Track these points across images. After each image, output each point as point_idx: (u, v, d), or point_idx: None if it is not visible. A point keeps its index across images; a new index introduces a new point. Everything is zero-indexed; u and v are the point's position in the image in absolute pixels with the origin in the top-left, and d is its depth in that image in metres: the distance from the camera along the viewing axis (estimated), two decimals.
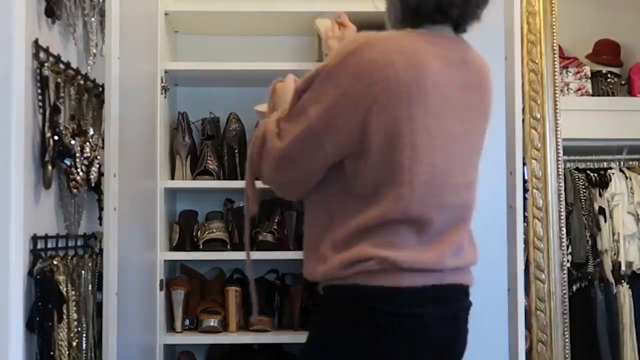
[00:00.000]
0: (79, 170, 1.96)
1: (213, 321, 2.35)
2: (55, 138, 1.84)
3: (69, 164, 1.92)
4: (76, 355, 1.89)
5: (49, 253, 1.86)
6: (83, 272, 2.01)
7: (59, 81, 1.91)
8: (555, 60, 2.75)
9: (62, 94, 1.93)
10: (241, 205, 2.44)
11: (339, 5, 2.54)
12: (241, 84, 2.54)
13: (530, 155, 2.68)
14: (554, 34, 2.75)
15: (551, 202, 2.69)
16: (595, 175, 3.10)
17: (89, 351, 1.99)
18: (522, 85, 2.61)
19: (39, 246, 1.80)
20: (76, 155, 1.95)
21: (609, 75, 3.27)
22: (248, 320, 2.38)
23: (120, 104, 2.09)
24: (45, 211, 1.89)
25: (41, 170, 1.82)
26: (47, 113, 1.83)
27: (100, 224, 2.19)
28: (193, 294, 2.41)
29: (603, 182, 3.08)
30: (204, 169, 2.39)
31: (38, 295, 1.73)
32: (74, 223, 2.03)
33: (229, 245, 2.39)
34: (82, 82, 2.07)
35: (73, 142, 1.94)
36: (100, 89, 2.17)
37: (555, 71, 2.74)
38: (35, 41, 1.80)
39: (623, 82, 3.28)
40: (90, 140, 2.04)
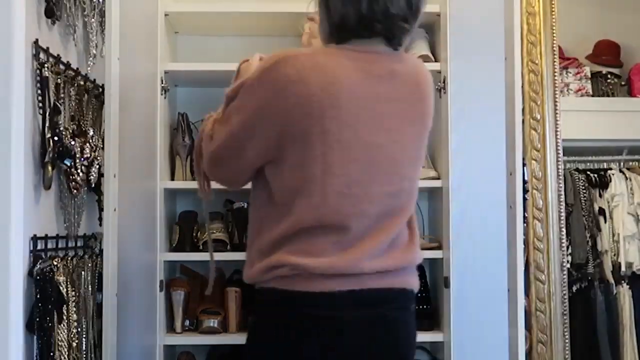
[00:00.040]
0: (79, 170, 1.96)
1: (213, 322, 2.35)
2: (55, 139, 1.84)
3: (69, 164, 1.91)
4: (76, 355, 1.89)
5: (49, 254, 1.86)
6: (83, 273, 2.01)
7: (59, 82, 1.91)
8: (555, 61, 2.75)
9: (62, 95, 1.93)
10: (242, 205, 2.44)
11: None
12: None
13: (530, 156, 2.68)
14: (554, 35, 2.75)
15: (551, 203, 2.69)
16: (595, 175, 3.09)
17: (89, 352, 1.99)
18: (522, 86, 2.61)
19: (39, 247, 1.80)
20: (76, 155, 1.95)
21: (609, 75, 3.26)
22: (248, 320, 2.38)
23: (120, 104, 2.10)
24: (45, 212, 1.89)
25: (41, 170, 1.82)
26: (47, 114, 1.82)
27: (100, 225, 2.19)
28: (193, 295, 2.41)
29: (603, 183, 3.07)
30: None
31: (38, 296, 1.73)
32: (74, 224, 2.02)
33: (229, 246, 2.39)
34: (82, 83, 2.07)
35: (73, 143, 1.94)
36: (100, 89, 2.17)
37: (555, 72, 2.74)
38: (35, 42, 1.80)
39: (623, 83, 3.28)
40: (90, 140, 2.04)
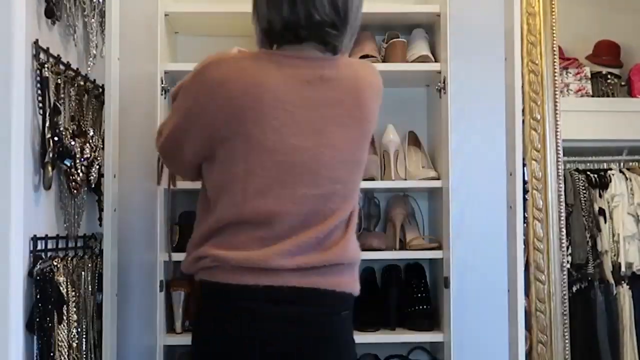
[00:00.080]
0: (79, 171, 1.96)
1: None
2: (55, 139, 1.84)
3: (69, 164, 1.91)
4: (76, 356, 1.89)
5: (49, 254, 1.86)
6: (83, 273, 2.01)
7: (59, 82, 1.91)
8: (555, 61, 2.74)
9: (62, 95, 1.93)
10: None
11: None
12: None
13: (530, 156, 2.68)
14: (554, 35, 2.75)
15: (551, 203, 2.69)
16: (595, 176, 3.09)
17: (89, 352, 1.99)
18: (522, 86, 2.61)
19: (39, 247, 1.80)
20: (76, 156, 1.95)
21: (609, 76, 3.26)
22: None
23: (120, 105, 2.10)
24: (45, 212, 1.89)
25: (41, 171, 1.82)
26: (47, 114, 1.82)
27: (100, 225, 2.19)
28: (193, 295, 2.41)
29: (603, 183, 3.07)
30: None
31: (38, 296, 1.73)
32: (74, 224, 2.02)
33: None
34: (82, 83, 2.07)
35: (73, 143, 1.94)
36: (101, 89, 2.17)
37: (555, 72, 2.74)
38: (36, 42, 1.80)
39: (623, 83, 3.28)
40: (91, 141, 2.04)
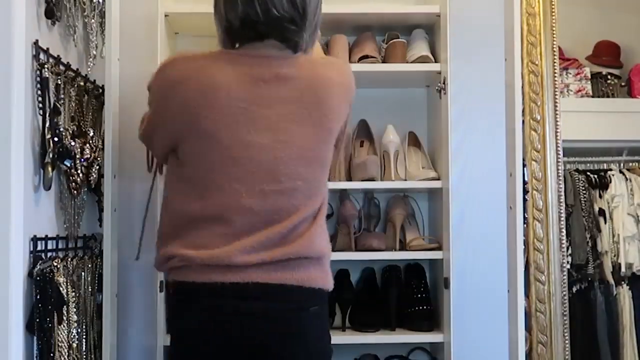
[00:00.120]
0: (79, 171, 1.96)
1: None
2: (55, 139, 1.84)
3: (69, 165, 1.91)
4: (76, 356, 1.88)
5: (49, 254, 1.86)
6: (83, 274, 2.01)
7: (59, 82, 1.91)
8: (555, 62, 2.74)
9: (62, 95, 1.93)
10: None
11: (338, 6, 2.54)
12: None
13: (530, 157, 2.68)
14: (554, 36, 2.75)
15: (551, 204, 2.69)
16: (595, 176, 3.09)
17: (89, 352, 1.99)
18: (522, 87, 2.61)
19: (39, 247, 1.80)
20: (76, 156, 1.95)
21: (609, 76, 3.26)
22: None
23: (120, 105, 2.09)
24: (46, 212, 1.89)
25: (41, 171, 1.82)
26: (47, 114, 1.82)
27: (100, 226, 2.19)
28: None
29: (603, 184, 3.07)
30: None
31: (38, 297, 1.73)
32: (74, 224, 2.02)
33: None
34: (82, 84, 2.07)
35: (73, 144, 1.94)
36: (101, 90, 2.17)
37: (555, 72, 2.74)
38: (35, 42, 1.80)
39: (623, 84, 3.28)
40: (91, 141, 2.04)
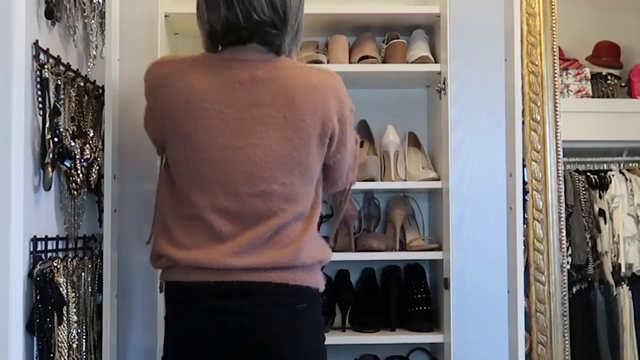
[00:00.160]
0: (79, 172, 1.96)
1: None
2: (55, 140, 1.84)
3: (69, 165, 1.91)
4: (76, 357, 1.88)
5: (49, 255, 1.86)
6: (83, 274, 2.01)
7: (59, 83, 1.91)
8: (555, 62, 2.75)
9: (62, 96, 1.93)
10: None
11: (338, 6, 2.54)
12: None
13: (530, 157, 2.68)
14: (554, 36, 2.75)
15: (551, 204, 2.69)
16: (595, 177, 3.09)
17: (89, 353, 1.99)
18: (522, 87, 2.62)
19: (39, 248, 1.80)
20: (76, 157, 1.95)
21: (609, 77, 3.26)
22: None
23: (120, 106, 2.09)
24: (46, 213, 1.89)
25: (41, 172, 1.82)
26: (47, 115, 1.82)
27: (100, 226, 2.18)
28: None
29: (603, 184, 3.07)
30: None
31: (38, 297, 1.73)
32: (74, 225, 2.02)
33: None
34: (82, 84, 2.07)
35: (73, 144, 1.94)
36: (100, 90, 2.17)
37: (555, 73, 2.74)
38: (35, 43, 1.80)
39: (623, 84, 3.28)
40: (91, 142, 2.04)
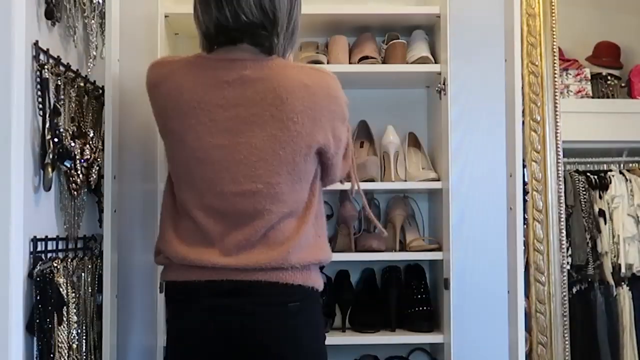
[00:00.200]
0: (79, 172, 1.96)
1: None
2: (55, 140, 1.84)
3: (69, 166, 1.91)
4: (76, 357, 1.88)
5: (49, 255, 1.86)
6: (83, 274, 2.01)
7: (59, 83, 1.91)
8: (555, 63, 2.75)
9: (62, 96, 1.93)
10: None
11: (338, 7, 2.54)
12: None
13: (530, 158, 2.68)
14: (554, 36, 2.75)
15: (551, 204, 2.69)
16: (595, 177, 3.09)
17: (89, 353, 1.99)
18: (522, 88, 2.62)
19: (39, 248, 1.80)
20: (76, 157, 1.95)
21: (609, 77, 3.26)
22: None
23: (120, 106, 2.09)
24: (46, 213, 1.89)
25: (41, 172, 1.82)
26: (47, 115, 1.82)
27: (100, 226, 2.18)
28: None
29: (603, 184, 3.07)
30: None
31: (38, 298, 1.73)
32: (74, 225, 2.02)
33: None
34: (82, 84, 2.07)
35: (73, 144, 1.94)
36: (101, 91, 2.17)
37: (555, 73, 2.74)
38: (35, 43, 1.80)
39: (623, 84, 3.28)
40: (91, 142, 2.04)
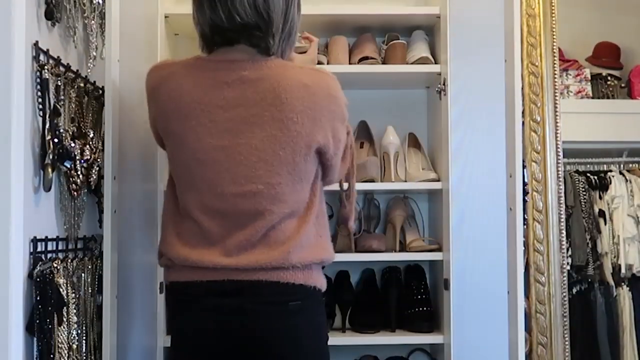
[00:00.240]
0: (79, 172, 1.96)
1: None
2: (55, 140, 1.84)
3: (69, 166, 1.91)
4: (76, 357, 1.88)
5: (49, 256, 1.86)
6: (83, 275, 2.01)
7: (59, 84, 1.91)
8: (555, 63, 2.75)
9: (62, 97, 1.92)
10: None
11: (338, 7, 2.54)
12: None
13: (530, 158, 2.68)
14: (554, 37, 2.76)
15: (551, 205, 2.69)
16: (595, 177, 3.09)
17: (89, 354, 1.99)
18: (522, 88, 2.62)
19: (39, 249, 1.80)
20: (76, 157, 1.95)
21: (609, 77, 3.27)
22: None
23: (120, 106, 2.09)
24: (46, 214, 1.89)
25: (41, 172, 1.82)
26: (47, 116, 1.82)
27: (100, 227, 2.18)
28: None
29: (603, 185, 3.07)
30: None
31: (38, 298, 1.73)
32: (74, 225, 2.02)
33: None
34: (82, 85, 2.07)
35: (73, 145, 1.94)
36: (100, 91, 2.17)
37: (555, 74, 2.74)
38: (35, 44, 1.80)
39: (623, 85, 3.28)
40: (91, 142, 2.04)
